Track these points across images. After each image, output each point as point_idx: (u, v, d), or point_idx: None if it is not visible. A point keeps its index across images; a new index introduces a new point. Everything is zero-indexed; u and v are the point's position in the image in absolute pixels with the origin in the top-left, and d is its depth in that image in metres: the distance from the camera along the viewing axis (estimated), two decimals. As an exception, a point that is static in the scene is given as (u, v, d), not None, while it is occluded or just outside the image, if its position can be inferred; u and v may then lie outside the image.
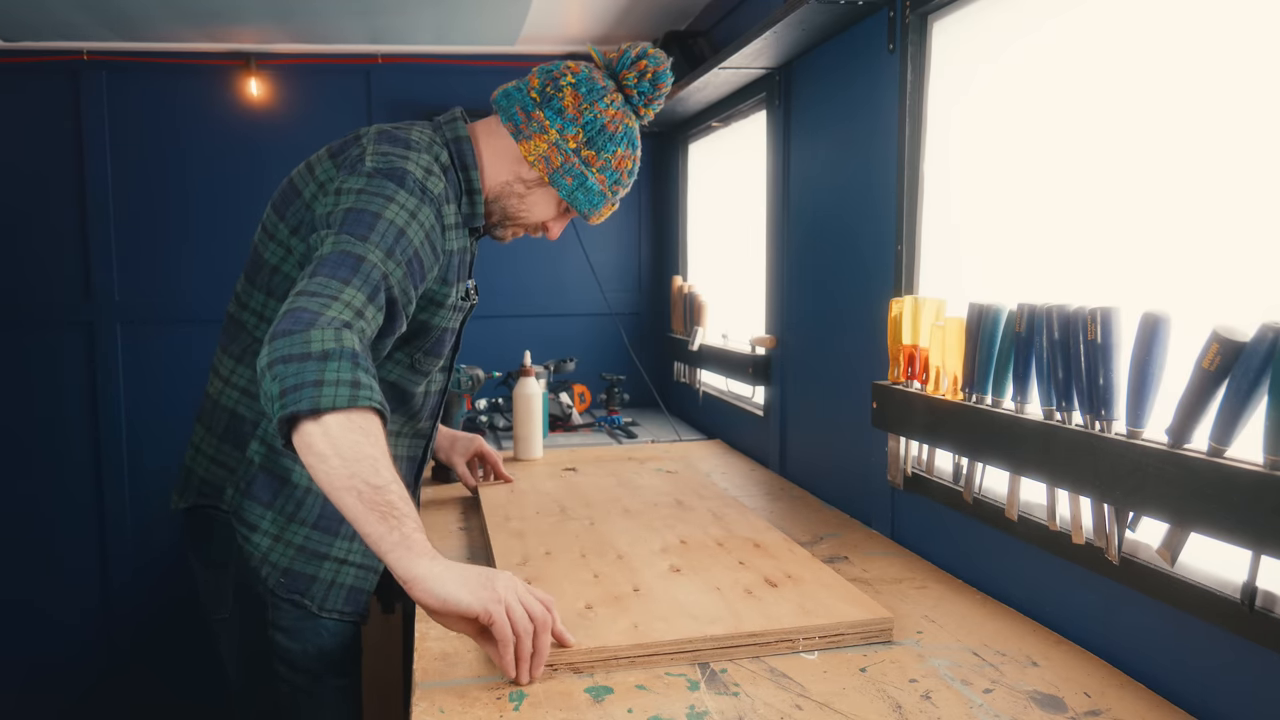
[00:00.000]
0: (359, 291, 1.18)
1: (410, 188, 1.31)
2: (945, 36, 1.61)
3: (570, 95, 1.42)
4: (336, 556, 1.45)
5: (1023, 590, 1.37)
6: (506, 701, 1.08)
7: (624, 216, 3.48)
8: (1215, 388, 0.95)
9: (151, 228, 3.21)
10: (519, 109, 1.44)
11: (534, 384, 2.40)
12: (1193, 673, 1.06)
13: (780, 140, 2.25)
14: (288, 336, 1.09)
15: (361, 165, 1.34)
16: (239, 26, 2.95)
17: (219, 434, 1.45)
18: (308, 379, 1.07)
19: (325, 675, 1.46)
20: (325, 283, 1.17)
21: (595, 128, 1.43)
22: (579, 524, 1.74)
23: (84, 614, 3.29)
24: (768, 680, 1.13)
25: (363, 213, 1.26)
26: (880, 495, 1.77)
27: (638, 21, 2.98)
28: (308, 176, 1.43)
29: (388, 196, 1.28)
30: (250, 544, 1.40)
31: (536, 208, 1.51)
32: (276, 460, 1.41)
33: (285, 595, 1.42)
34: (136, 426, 3.25)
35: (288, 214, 1.42)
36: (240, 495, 1.41)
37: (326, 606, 1.45)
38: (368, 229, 1.24)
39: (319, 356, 1.08)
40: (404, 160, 1.34)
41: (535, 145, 1.43)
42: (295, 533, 1.42)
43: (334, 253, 1.21)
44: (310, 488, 1.42)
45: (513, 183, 1.48)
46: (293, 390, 1.06)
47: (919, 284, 1.67)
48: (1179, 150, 1.12)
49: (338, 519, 1.42)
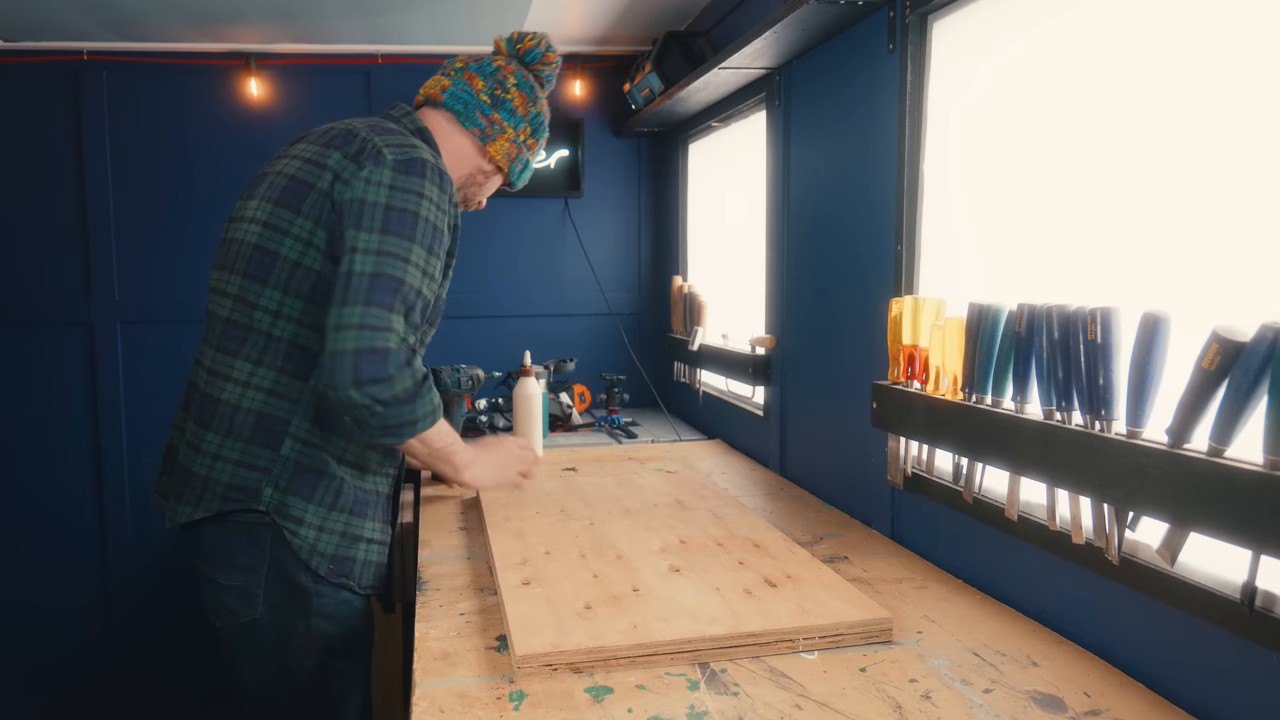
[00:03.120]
0: (400, 316, 1.35)
1: (431, 176, 1.45)
2: (945, 37, 1.61)
3: (518, 96, 1.68)
4: (368, 537, 1.55)
5: (1023, 590, 1.37)
6: (506, 701, 1.08)
7: (624, 216, 3.49)
8: (1215, 388, 0.95)
9: (151, 227, 3.21)
10: (480, 114, 1.66)
11: (534, 384, 2.40)
12: (1192, 673, 1.06)
13: (780, 140, 2.25)
14: (376, 384, 1.31)
15: (383, 157, 1.44)
16: (239, 26, 2.95)
17: (245, 438, 1.47)
18: (405, 418, 1.36)
19: (356, 656, 1.56)
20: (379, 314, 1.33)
21: (538, 121, 1.71)
22: (579, 524, 1.74)
23: (84, 613, 3.29)
24: (768, 680, 1.13)
25: (403, 212, 1.40)
26: (880, 495, 1.77)
27: (637, 21, 2.98)
28: (315, 170, 1.48)
29: (418, 192, 1.42)
30: (298, 538, 1.46)
31: (485, 189, 1.75)
32: (313, 454, 1.48)
33: (335, 580, 1.49)
34: (136, 426, 3.25)
35: (303, 208, 1.46)
36: (281, 493, 1.46)
37: (364, 584, 1.55)
38: (410, 230, 1.39)
39: (407, 399, 1.34)
40: (416, 150, 1.47)
41: (500, 145, 1.68)
42: (336, 520, 1.50)
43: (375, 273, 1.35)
44: (342, 475, 1.51)
45: (475, 174, 1.71)
46: (395, 428, 1.36)
47: (919, 284, 1.67)
48: (1179, 150, 1.12)
49: (364, 502, 1.55)
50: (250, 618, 1.47)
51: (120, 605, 3.29)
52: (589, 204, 3.44)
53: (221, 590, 1.48)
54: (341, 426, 1.50)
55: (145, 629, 3.30)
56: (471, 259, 3.29)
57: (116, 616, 3.29)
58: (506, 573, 1.45)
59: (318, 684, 1.51)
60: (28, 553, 3.25)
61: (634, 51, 3.27)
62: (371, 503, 1.57)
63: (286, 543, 1.45)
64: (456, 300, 3.35)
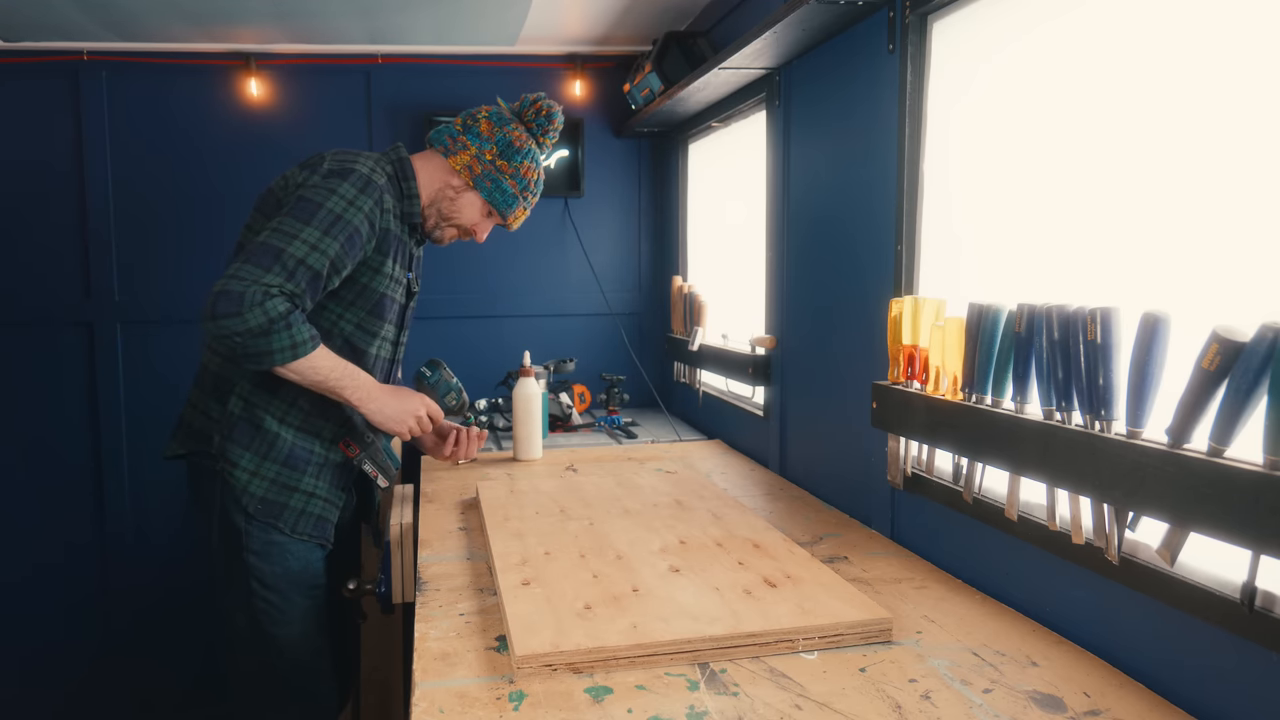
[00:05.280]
0: (273, 275, 1.58)
1: (353, 181, 1.71)
2: (945, 37, 1.61)
3: (485, 123, 1.89)
4: (305, 490, 1.79)
5: (1022, 590, 1.37)
6: (506, 701, 1.08)
7: (624, 216, 3.49)
8: (1215, 388, 0.95)
9: (151, 228, 3.21)
10: (447, 136, 1.90)
11: (534, 384, 2.40)
12: (1192, 673, 1.06)
13: (780, 140, 2.25)
14: (229, 318, 1.53)
15: (320, 167, 1.74)
16: (239, 26, 2.95)
17: (207, 391, 1.80)
18: (262, 349, 1.58)
19: (291, 593, 1.79)
20: (249, 270, 1.57)
21: (505, 143, 1.88)
22: (578, 524, 1.74)
23: (84, 611, 3.29)
24: (767, 680, 1.13)
25: (308, 202, 1.66)
26: (880, 495, 1.77)
27: (637, 21, 2.98)
28: (284, 183, 1.78)
29: (330, 189, 1.68)
30: (233, 478, 1.74)
31: (466, 210, 1.91)
32: (252, 411, 1.76)
33: (262, 519, 1.74)
34: (136, 426, 3.25)
35: (265, 208, 1.78)
36: (224, 440, 1.75)
37: (298, 530, 1.79)
38: (308, 215, 1.64)
39: (261, 332, 1.56)
40: (354, 162, 1.75)
41: (460, 158, 1.88)
42: (268, 469, 1.76)
43: (262, 243, 1.61)
44: (279, 432, 1.77)
45: (444, 189, 1.89)
46: (255, 356, 1.59)
47: (919, 284, 1.67)
48: (1179, 150, 1.12)
49: (303, 459, 1.80)
50: (211, 545, 1.79)
51: (120, 603, 3.29)
52: (589, 204, 3.44)
53: (199, 524, 1.85)
54: (284, 392, 1.76)
55: (145, 627, 3.30)
56: (472, 259, 3.29)
57: (116, 614, 3.29)
58: (506, 573, 1.45)
59: (258, 611, 1.77)
60: (28, 552, 3.25)
61: (634, 51, 3.27)
62: (314, 463, 1.81)
63: (229, 485, 1.73)
64: (457, 300, 3.36)
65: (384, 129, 3.29)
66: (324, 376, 1.68)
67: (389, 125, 3.29)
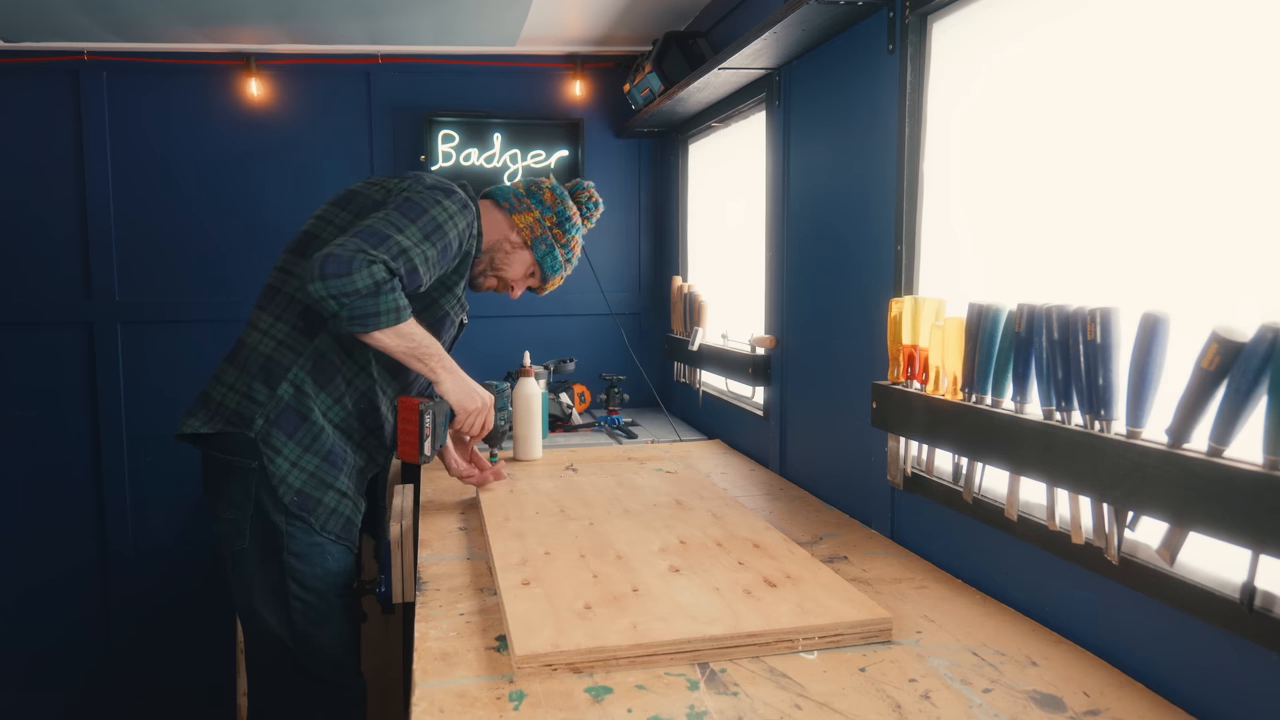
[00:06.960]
0: (379, 252, 1.62)
1: (455, 199, 1.79)
2: (945, 37, 1.61)
3: (549, 193, 2.04)
4: (339, 489, 1.79)
5: (1022, 590, 1.37)
6: (506, 701, 1.08)
7: (624, 216, 3.49)
8: (1215, 388, 0.95)
9: (151, 228, 3.21)
10: (512, 196, 2.03)
11: (534, 384, 2.40)
12: (1192, 673, 1.06)
13: (780, 140, 2.25)
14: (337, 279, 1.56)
15: (423, 180, 1.82)
16: (239, 26, 2.95)
17: (253, 374, 1.77)
18: (369, 310, 1.61)
19: (328, 593, 1.79)
20: (356, 243, 1.60)
21: (564, 216, 2.03)
22: (578, 524, 1.74)
23: (84, 610, 3.29)
24: (767, 680, 1.13)
25: (415, 204, 1.72)
26: (880, 495, 1.77)
27: (638, 22, 2.98)
28: (374, 186, 1.85)
29: (436, 200, 1.76)
30: (274, 465, 1.72)
31: (515, 265, 2.03)
32: (302, 401, 1.76)
33: (296, 512, 1.73)
34: (136, 427, 3.25)
35: (350, 206, 1.82)
36: (270, 425, 1.74)
37: (327, 528, 1.77)
38: (415, 215, 1.70)
39: (368, 293, 1.59)
40: (453, 185, 1.85)
41: (524, 218, 2.01)
42: (309, 461, 1.75)
43: (368, 226, 1.65)
44: (324, 426, 1.77)
45: (502, 241, 2.01)
46: (360, 319, 1.61)
47: (918, 284, 1.67)
48: (1178, 150, 1.12)
49: (341, 457, 1.80)
50: (240, 547, 1.75)
51: (120, 602, 3.29)
52: (589, 204, 3.44)
53: (221, 524, 1.78)
54: (333, 387, 1.78)
55: (145, 626, 3.30)
56: (471, 259, 3.29)
57: (116, 613, 3.29)
58: (506, 573, 1.45)
59: (295, 612, 1.76)
60: (29, 552, 3.25)
61: (634, 51, 3.27)
62: (348, 463, 1.81)
63: (267, 480, 1.71)
64: (456, 300, 3.35)
65: (384, 129, 3.29)
66: (418, 342, 1.72)
67: (389, 125, 3.29)
